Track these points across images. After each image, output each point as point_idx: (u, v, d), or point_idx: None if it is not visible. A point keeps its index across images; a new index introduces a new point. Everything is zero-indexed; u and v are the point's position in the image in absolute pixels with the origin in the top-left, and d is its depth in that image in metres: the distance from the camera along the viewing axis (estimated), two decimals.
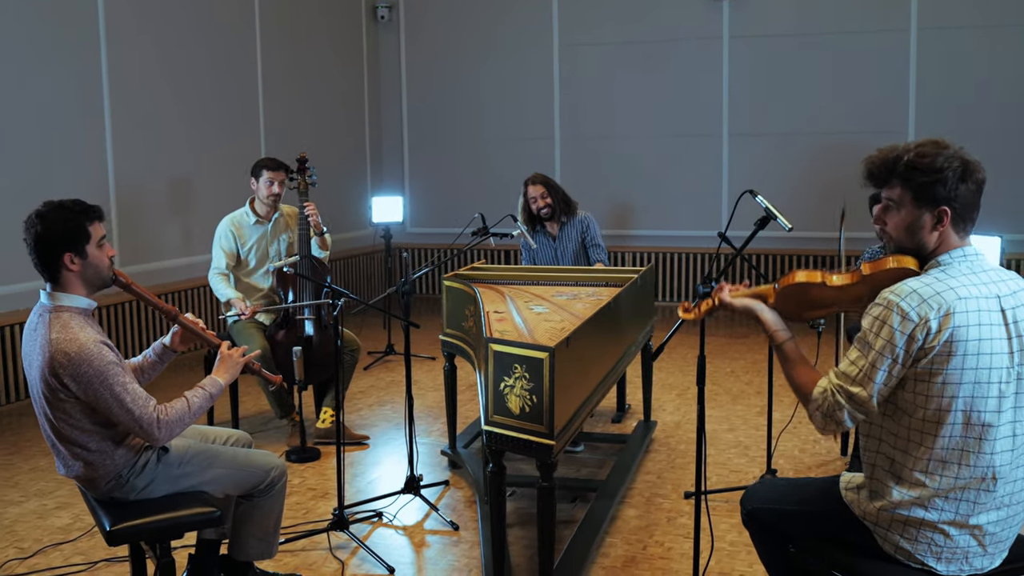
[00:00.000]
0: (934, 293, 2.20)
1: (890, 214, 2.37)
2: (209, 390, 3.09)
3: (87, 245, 2.90)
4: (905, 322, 2.19)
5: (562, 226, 5.62)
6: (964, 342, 2.18)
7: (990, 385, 2.21)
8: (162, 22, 7.33)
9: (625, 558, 3.72)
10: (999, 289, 2.26)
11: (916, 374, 2.22)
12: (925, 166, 2.26)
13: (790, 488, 2.67)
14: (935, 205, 2.27)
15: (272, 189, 5.26)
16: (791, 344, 2.50)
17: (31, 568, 3.70)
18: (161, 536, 2.93)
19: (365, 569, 3.67)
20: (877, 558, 2.36)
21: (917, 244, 2.34)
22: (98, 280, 2.99)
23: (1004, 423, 2.24)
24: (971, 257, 2.30)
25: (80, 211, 2.92)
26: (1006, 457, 2.25)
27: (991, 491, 2.25)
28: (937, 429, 2.22)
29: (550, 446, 2.99)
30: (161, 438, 2.89)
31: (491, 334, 3.45)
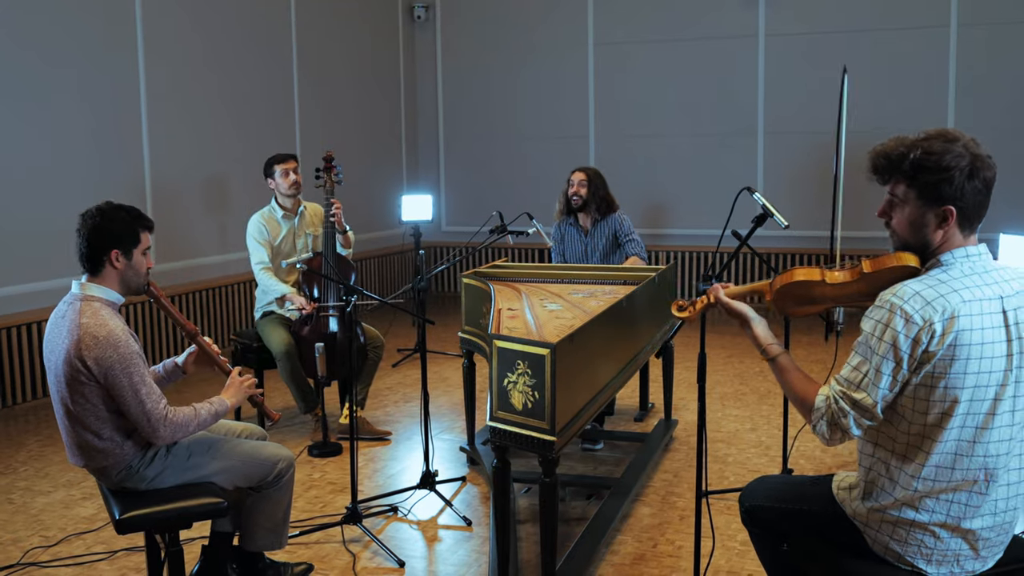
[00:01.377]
0: (938, 296, 2.15)
1: (895, 210, 2.31)
2: (216, 407, 3.18)
3: (135, 249, 3.08)
4: (909, 325, 2.14)
5: (596, 222, 5.59)
6: (968, 346, 2.13)
7: (989, 388, 2.17)
8: (199, 21, 7.47)
9: (634, 555, 3.73)
10: (1002, 289, 2.21)
11: (918, 379, 2.17)
12: (932, 164, 2.20)
13: (786, 486, 2.65)
14: (940, 204, 2.22)
15: (290, 178, 5.33)
16: (785, 357, 2.47)
17: (53, 556, 3.80)
18: (169, 525, 3.00)
19: (376, 562, 3.71)
20: (867, 558, 2.33)
21: (921, 242, 2.28)
22: (134, 284, 3.14)
23: (1001, 426, 2.20)
24: (973, 257, 2.25)
25: (137, 216, 3.12)
26: (1001, 461, 2.21)
27: (983, 493, 2.21)
28: (937, 434, 2.18)
29: (551, 442, 3.00)
30: (164, 436, 2.98)
31: (499, 331, 3.47)
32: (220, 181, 7.68)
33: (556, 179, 10.04)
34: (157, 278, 7.07)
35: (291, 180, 5.36)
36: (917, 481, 2.22)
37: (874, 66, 8.85)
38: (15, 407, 5.97)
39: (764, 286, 2.54)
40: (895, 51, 8.79)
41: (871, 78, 8.87)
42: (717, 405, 5.84)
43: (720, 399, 5.99)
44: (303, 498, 4.40)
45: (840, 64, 9.09)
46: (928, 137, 2.23)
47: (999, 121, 8.47)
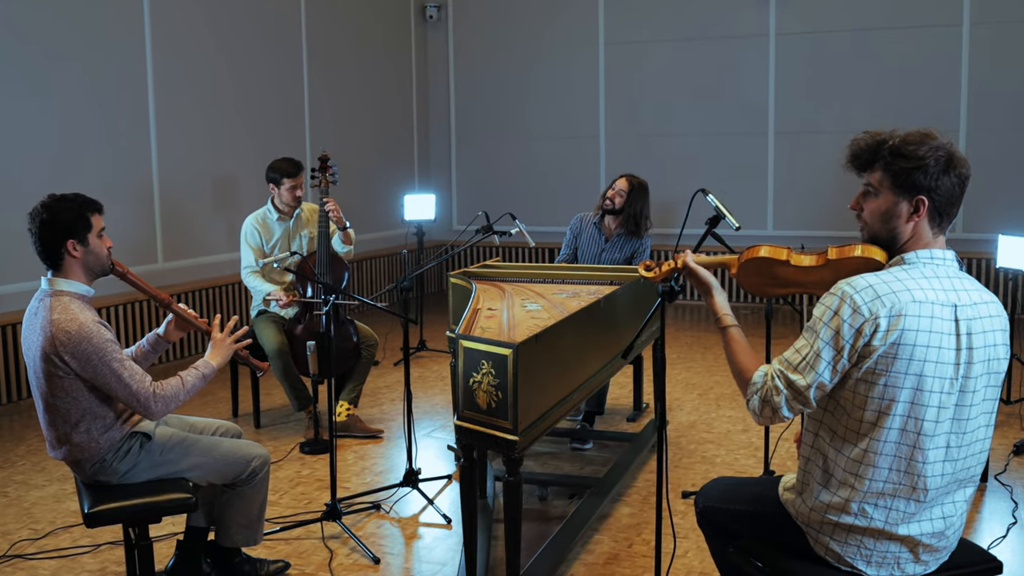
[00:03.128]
0: (889, 291, 2.15)
1: (868, 200, 2.31)
2: (202, 371, 3.23)
3: (88, 234, 3.12)
4: (856, 315, 2.14)
5: (620, 236, 5.48)
6: (912, 346, 2.13)
7: (931, 394, 2.15)
8: (208, 19, 7.55)
9: (608, 555, 3.74)
10: (958, 298, 2.19)
11: (859, 373, 2.17)
12: (909, 152, 2.20)
13: (738, 487, 2.66)
14: (913, 193, 2.21)
15: (296, 194, 5.38)
16: (735, 330, 2.48)
17: (40, 548, 3.88)
18: (137, 519, 3.06)
19: (353, 559, 3.76)
20: (809, 560, 2.34)
21: (890, 233, 2.28)
22: (98, 267, 3.19)
23: (940, 433, 2.19)
24: (938, 260, 2.24)
25: (82, 203, 3.14)
26: (937, 468, 2.20)
27: (920, 501, 2.21)
28: (873, 431, 2.18)
29: (514, 442, 3.03)
30: (157, 411, 3.05)
31: (472, 331, 3.50)
32: (229, 179, 7.76)
33: (567, 179, 10.10)
34: (165, 276, 7.21)
35: (295, 195, 5.41)
36: (853, 478, 2.22)
37: (885, 66, 8.78)
38: (20, 402, 6.07)
39: (732, 260, 2.55)
40: (906, 50, 8.71)
41: (882, 78, 8.80)
42: (712, 406, 5.83)
43: (716, 400, 5.97)
44: (289, 495, 4.46)
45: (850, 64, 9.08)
46: (908, 132, 2.25)
47: (1012, 120, 8.37)
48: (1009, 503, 4.19)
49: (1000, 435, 5.12)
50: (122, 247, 6.77)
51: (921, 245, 2.25)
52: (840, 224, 8.65)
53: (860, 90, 8.90)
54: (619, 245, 5.46)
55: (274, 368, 5.24)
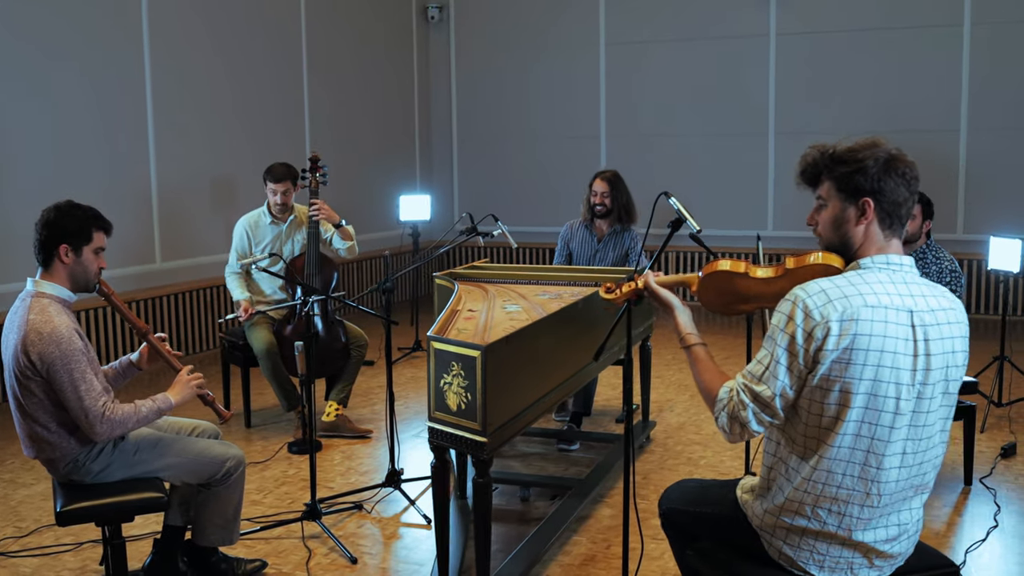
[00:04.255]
0: (842, 296, 2.14)
1: (821, 213, 2.32)
2: (159, 404, 3.23)
3: (85, 246, 3.17)
4: (808, 320, 2.13)
5: (612, 232, 5.53)
6: (865, 351, 2.11)
7: (887, 399, 2.14)
8: (206, 20, 7.58)
9: (585, 556, 3.75)
10: (915, 303, 2.18)
11: (814, 379, 2.15)
12: (848, 157, 2.22)
13: (699, 490, 2.66)
14: (858, 196, 2.21)
15: (277, 200, 5.40)
16: (700, 348, 2.47)
17: (23, 546, 3.92)
18: (109, 518, 3.08)
19: (331, 559, 3.77)
20: (762, 563, 2.34)
21: (843, 239, 2.27)
22: (83, 280, 3.22)
23: (896, 440, 2.17)
24: (894, 266, 2.22)
25: (94, 216, 3.22)
26: (892, 474, 2.19)
27: (875, 507, 2.20)
28: (828, 437, 2.17)
29: (482, 443, 3.04)
30: (101, 433, 3.05)
31: (448, 332, 3.51)
32: (227, 180, 7.78)
33: (568, 179, 10.08)
34: (163, 276, 7.25)
35: (277, 201, 5.42)
36: (809, 484, 2.21)
37: (885, 66, 8.74)
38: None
39: (693, 277, 2.54)
40: (906, 51, 8.67)
41: (882, 78, 8.77)
42: (702, 408, 5.81)
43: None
44: (274, 494, 4.48)
45: (851, 64, 9.04)
46: (853, 141, 2.26)
47: (1013, 120, 8.33)
48: (992, 507, 4.17)
49: (989, 438, 5.10)
50: (120, 247, 6.85)
51: (875, 250, 2.24)
52: None
53: (860, 90, 8.87)
54: (612, 244, 5.49)
55: (263, 368, 5.27)
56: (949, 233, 8.49)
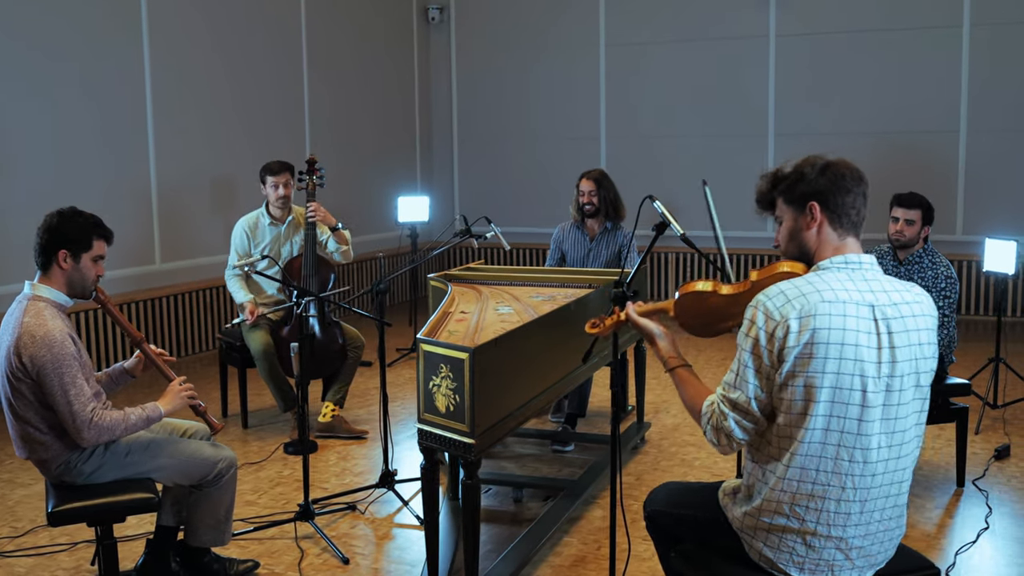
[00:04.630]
0: (799, 294, 2.19)
1: (780, 228, 2.41)
2: (148, 413, 3.26)
3: (84, 253, 3.22)
4: (768, 321, 2.20)
5: (604, 231, 5.57)
6: (825, 344, 2.15)
7: (852, 392, 2.17)
8: (206, 20, 7.59)
9: (576, 557, 3.76)
10: (875, 298, 2.22)
11: (780, 378, 2.20)
12: (790, 172, 2.35)
13: (683, 492, 2.68)
14: (804, 203, 2.31)
15: (279, 192, 5.44)
16: (684, 369, 2.52)
17: (18, 546, 3.94)
18: (100, 519, 3.11)
19: (323, 559, 3.80)
20: (745, 565, 2.35)
21: (800, 247, 2.35)
22: (79, 287, 3.26)
23: (871, 433, 2.20)
24: (853, 265, 2.28)
25: (95, 224, 3.26)
26: (868, 468, 2.21)
27: (851, 500, 2.22)
28: (799, 433, 2.20)
29: (470, 444, 3.06)
30: (88, 439, 3.08)
31: (438, 334, 3.53)
32: (227, 180, 7.80)
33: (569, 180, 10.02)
34: (162, 277, 7.28)
35: (280, 194, 5.45)
36: (784, 482, 2.24)
37: (885, 67, 8.74)
38: None
39: (669, 304, 2.60)
40: (906, 52, 8.66)
41: (882, 79, 8.77)
42: None
43: None
44: (268, 494, 4.51)
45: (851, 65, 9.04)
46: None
47: (1013, 122, 8.32)
48: (984, 508, 4.18)
49: (983, 439, 5.10)
50: (120, 248, 6.86)
51: (832, 251, 2.30)
52: None
53: (860, 91, 8.87)
54: (604, 242, 5.53)
55: (260, 370, 5.30)
56: (948, 234, 8.49)
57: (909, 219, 4.41)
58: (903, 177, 8.18)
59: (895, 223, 4.45)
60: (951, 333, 4.32)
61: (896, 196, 4.48)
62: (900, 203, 4.45)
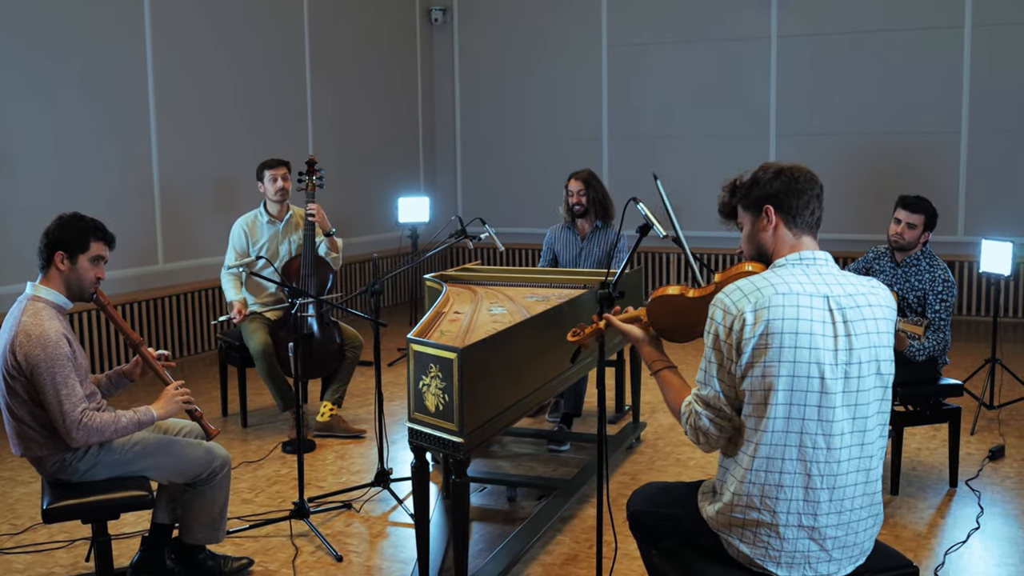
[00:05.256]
0: (754, 289, 2.27)
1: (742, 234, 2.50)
2: (140, 416, 3.30)
3: (81, 255, 3.27)
4: (726, 316, 2.28)
5: (595, 230, 5.62)
6: (780, 334, 2.22)
7: (810, 379, 2.22)
8: (209, 21, 7.64)
9: (567, 556, 3.80)
10: (830, 290, 2.29)
11: (740, 370, 2.27)
12: (747, 181, 2.45)
13: (665, 491, 2.71)
14: (760, 206, 2.40)
15: (277, 185, 5.49)
16: (668, 371, 2.59)
17: (18, 543, 3.99)
18: (94, 516, 3.15)
19: (317, 556, 3.84)
20: (724, 563, 2.38)
21: (759, 249, 2.45)
22: (77, 289, 3.31)
23: (835, 420, 2.23)
24: (807, 260, 2.35)
25: (94, 228, 3.31)
26: (833, 455, 2.25)
27: (819, 488, 2.25)
28: (762, 423, 2.26)
29: (460, 443, 3.10)
30: (77, 439, 3.12)
31: (430, 334, 3.57)
32: (229, 181, 7.85)
33: None
34: (165, 277, 7.33)
35: (278, 186, 5.51)
36: (752, 473, 2.28)
37: (886, 68, 8.74)
38: None
39: (642, 312, 2.68)
40: (907, 53, 8.67)
41: (883, 80, 8.77)
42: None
43: None
44: (266, 493, 4.55)
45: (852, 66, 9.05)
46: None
47: (1014, 123, 8.32)
48: (975, 509, 4.20)
49: (979, 440, 5.12)
50: (123, 248, 6.91)
51: (788, 249, 2.38)
52: (841, 227, 8.65)
53: (862, 92, 8.87)
54: (596, 241, 5.60)
55: (259, 369, 5.34)
56: (949, 235, 8.49)
57: (911, 223, 4.41)
58: (904, 178, 8.21)
59: (897, 224, 4.45)
60: (946, 337, 4.33)
61: (902, 198, 4.48)
62: (905, 206, 4.45)
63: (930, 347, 4.26)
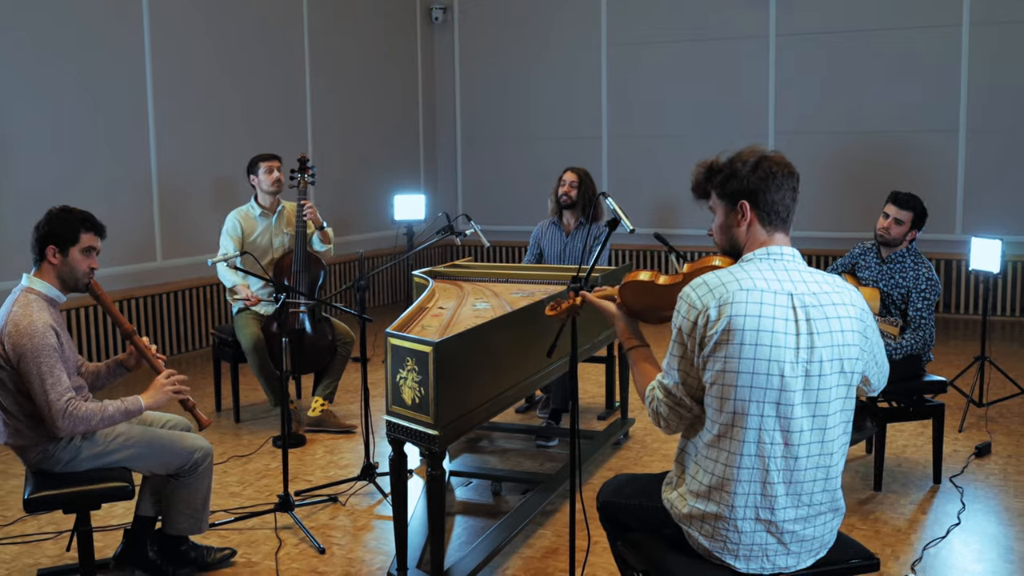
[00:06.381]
0: (719, 283, 2.28)
1: (714, 221, 2.48)
2: (128, 405, 3.33)
3: (72, 247, 3.33)
4: (691, 310, 2.29)
5: (580, 226, 5.68)
6: (741, 331, 2.23)
7: (770, 377, 2.23)
8: (208, 17, 7.69)
9: (548, 549, 3.83)
10: (794, 287, 2.29)
11: (701, 362, 2.29)
12: (723, 166, 2.40)
13: (631, 483, 2.74)
14: (735, 200, 2.38)
15: (273, 176, 5.53)
16: (639, 350, 2.61)
17: (6, 535, 4.04)
18: (75, 506, 3.20)
19: (301, 548, 3.87)
20: (686, 554, 2.40)
21: (731, 242, 2.44)
22: (71, 281, 3.37)
23: (794, 417, 2.25)
24: (775, 256, 2.35)
25: (83, 219, 3.36)
26: (791, 451, 2.27)
27: (776, 483, 2.27)
28: (721, 417, 2.28)
29: (435, 436, 3.13)
30: (63, 428, 3.17)
31: (409, 329, 3.60)
32: (228, 178, 7.88)
33: None
34: (164, 274, 7.39)
35: (274, 177, 5.56)
36: (712, 464, 2.30)
37: (885, 66, 8.74)
38: None
39: (615, 291, 2.69)
40: (906, 51, 8.67)
41: (882, 78, 8.77)
42: None
43: None
44: (254, 486, 4.59)
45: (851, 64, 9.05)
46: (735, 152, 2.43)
47: (1013, 122, 8.31)
48: (957, 505, 4.21)
49: (967, 438, 5.12)
50: (121, 245, 6.99)
51: (758, 244, 2.37)
52: (840, 225, 8.66)
53: (860, 91, 8.87)
54: (580, 237, 5.64)
55: (251, 364, 5.39)
56: (947, 233, 8.49)
57: (899, 219, 4.43)
58: (902, 176, 8.21)
59: (884, 219, 4.46)
60: (927, 335, 4.34)
61: (893, 193, 4.49)
62: (895, 201, 4.45)
63: (908, 346, 4.28)
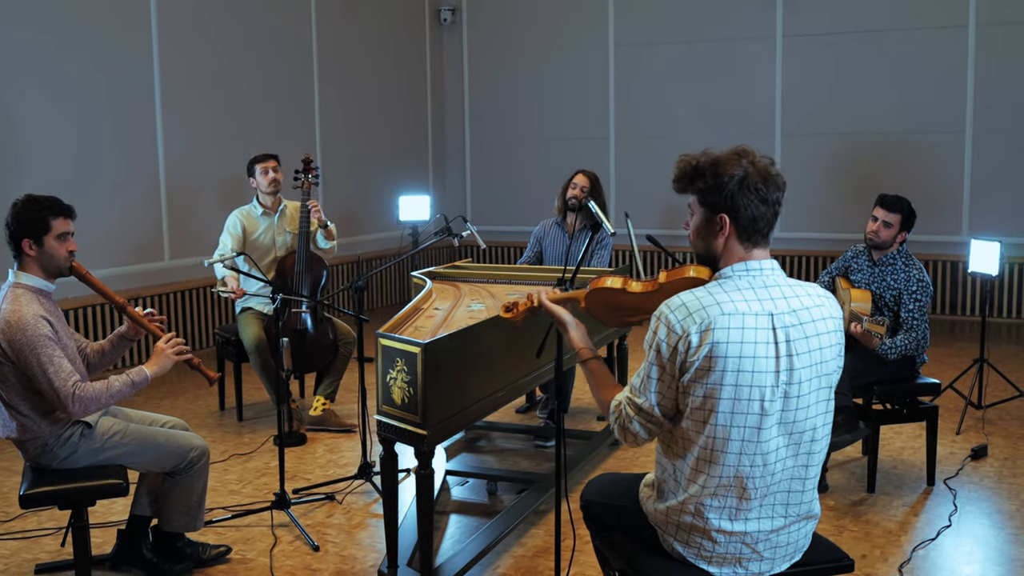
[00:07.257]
0: (700, 307, 2.24)
1: (691, 218, 2.42)
2: (133, 378, 3.38)
3: (46, 236, 3.34)
4: (671, 334, 2.25)
5: (583, 228, 5.69)
6: (724, 358, 2.21)
7: (751, 402, 2.22)
8: (216, 18, 7.75)
9: (539, 548, 3.86)
10: (775, 307, 2.26)
11: (682, 386, 2.27)
12: (709, 172, 2.29)
13: (615, 482, 2.76)
14: (715, 211, 2.30)
15: (269, 177, 5.60)
16: (596, 362, 2.59)
17: (7, 530, 4.12)
18: (70, 502, 3.26)
19: (295, 546, 3.93)
20: (662, 556, 2.43)
21: (707, 250, 2.38)
22: (53, 267, 3.40)
23: (768, 439, 2.25)
24: (754, 272, 2.30)
25: (47, 206, 3.35)
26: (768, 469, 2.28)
27: (751, 499, 2.28)
28: (700, 439, 2.27)
29: (423, 436, 3.17)
30: (75, 412, 3.23)
31: (402, 329, 3.64)
32: (236, 178, 7.91)
33: None
34: (171, 273, 7.46)
35: (270, 178, 5.62)
36: (689, 484, 2.31)
37: (891, 67, 8.73)
38: None
39: (582, 294, 2.67)
40: (913, 52, 8.65)
41: (888, 79, 8.76)
42: None
43: None
44: (253, 484, 4.65)
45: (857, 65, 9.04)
46: (721, 153, 2.31)
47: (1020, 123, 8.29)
48: (950, 507, 4.22)
49: (964, 440, 5.13)
50: (129, 244, 7.08)
51: (736, 259, 2.32)
52: (846, 226, 8.64)
53: (867, 91, 8.86)
54: (582, 240, 5.61)
55: (253, 363, 5.44)
56: (954, 235, 8.47)
57: (887, 221, 4.43)
58: (908, 177, 8.22)
59: (873, 222, 4.47)
60: (920, 336, 4.35)
61: (880, 196, 4.49)
62: (883, 204, 4.46)
63: (902, 346, 4.29)
